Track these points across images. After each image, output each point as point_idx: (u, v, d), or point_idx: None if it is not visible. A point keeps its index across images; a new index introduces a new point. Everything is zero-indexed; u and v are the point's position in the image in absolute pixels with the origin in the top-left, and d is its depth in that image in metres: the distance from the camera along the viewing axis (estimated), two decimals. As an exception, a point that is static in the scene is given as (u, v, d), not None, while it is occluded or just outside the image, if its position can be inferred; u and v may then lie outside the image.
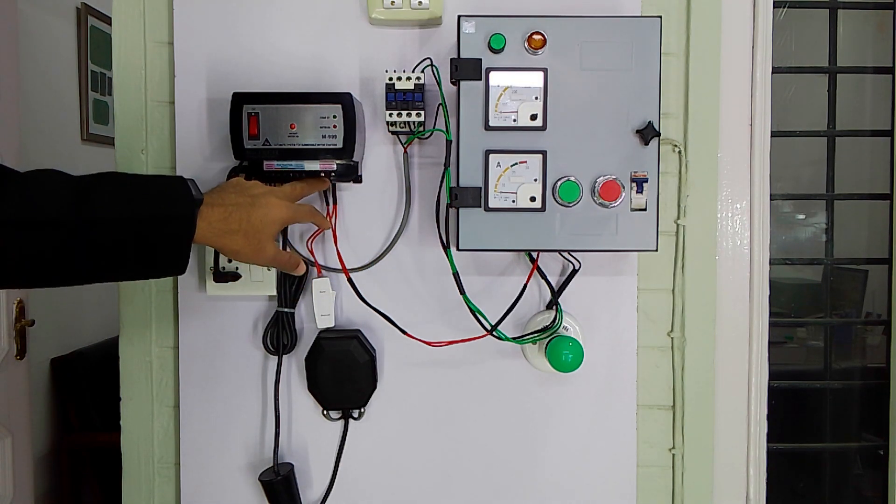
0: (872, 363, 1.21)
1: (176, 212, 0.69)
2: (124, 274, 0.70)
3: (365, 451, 0.96)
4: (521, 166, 0.82)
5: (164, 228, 0.68)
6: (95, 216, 0.65)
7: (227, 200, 0.74)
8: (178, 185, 0.71)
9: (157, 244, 0.68)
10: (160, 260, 0.70)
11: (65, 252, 0.64)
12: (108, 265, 0.67)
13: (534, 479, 0.97)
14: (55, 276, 0.66)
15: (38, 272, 0.65)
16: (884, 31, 1.16)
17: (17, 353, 1.68)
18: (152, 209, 0.68)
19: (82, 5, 2.45)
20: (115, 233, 0.66)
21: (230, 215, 0.73)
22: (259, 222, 0.75)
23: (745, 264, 1.01)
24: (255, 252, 0.76)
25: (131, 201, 0.67)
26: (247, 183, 0.79)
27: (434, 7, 0.89)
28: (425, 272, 0.94)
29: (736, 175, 1.00)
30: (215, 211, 0.72)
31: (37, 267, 0.64)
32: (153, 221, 0.68)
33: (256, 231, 0.75)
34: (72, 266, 0.65)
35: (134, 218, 0.66)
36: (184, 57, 0.93)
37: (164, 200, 0.69)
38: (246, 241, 0.75)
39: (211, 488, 0.96)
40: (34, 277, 0.65)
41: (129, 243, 0.67)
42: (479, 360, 0.95)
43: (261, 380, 0.95)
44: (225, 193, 0.76)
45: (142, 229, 0.67)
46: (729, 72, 0.99)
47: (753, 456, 1.02)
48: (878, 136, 1.15)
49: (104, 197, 0.66)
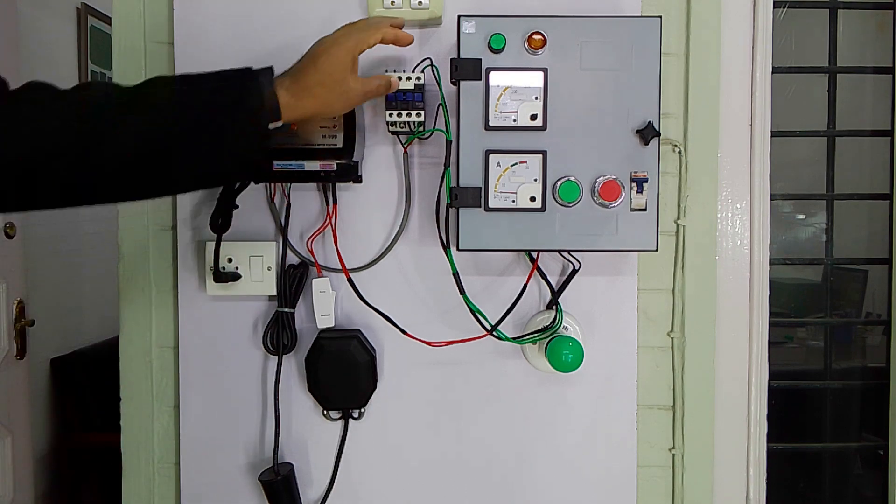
0: (872, 363, 1.21)
1: (235, 97, 0.68)
2: (209, 174, 0.70)
3: (365, 451, 0.96)
4: (521, 166, 0.82)
5: (228, 115, 0.67)
6: (155, 103, 0.65)
7: (293, 67, 0.74)
8: (236, 72, 0.70)
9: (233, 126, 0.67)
10: (235, 149, 0.68)
11: (129, 145, 0.63)
12: (180, 159, 0.66)
13: (534, 479, 0.97)
14: (135, 177, 0.65)
15: (114, 171, 0.64)
16: (884, 31, 1.16)
17: (17, 353, 1.68)
18: (212, 98, 0.67)
19: (82, 5, 2.45)
20: (181, 119, 0.65)
21: (299, 76, 0.72)
22: (328, 65, 0.73)
23: (745, 264, 1.01)
24: (342, 95, 0.74)
25: (191, 95, 0.67)
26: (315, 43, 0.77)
27: (434, 7, 0.89)
28: (425, 272, 0.94)
29: (736, 175, 1.00)
30: (285, 79, 0.72)
31: (111, 164, 0.63)
32: (215, 109, 0.67)
33: (334, 78, 0.73)
34: (143, 162, 0.64)
35: (195, 105, 0.66)
36: (184, 57, 0.93)
37: (223, 88, 0.68)
38: (327, 91, 0.73)
39: (211, 488, 0.96)
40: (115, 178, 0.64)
41: (197, 135, 0.66)
42: (479, 360, 0.95)
43: (261, 380, 0.95)
44: (292, 65, 0.75)
45: (204, 120, 0.66)
46: (729, 72, 0.99)
47: (753, 456, 1.02)
48: (878, 136, 1.15)
49: (163, 90, 0.66)
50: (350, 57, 0.74)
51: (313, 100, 0.73)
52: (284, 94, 0.71)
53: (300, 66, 0.74)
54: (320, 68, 0.73)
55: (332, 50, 0.74)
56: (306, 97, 0.72)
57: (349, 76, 0.75)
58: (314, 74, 0.73)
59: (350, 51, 0.74)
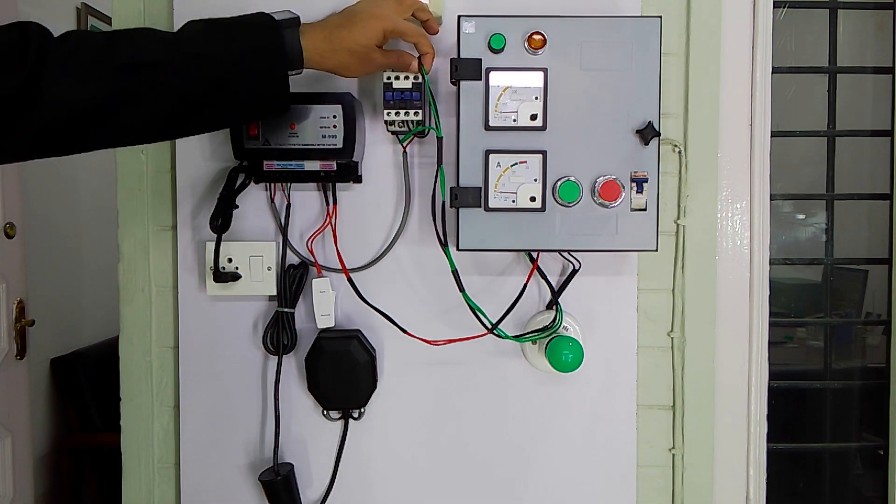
0: (872, 363, 1.21)
1: (258, 43, 0.72)
2: (231, 113, 0.75)
3: (365, 451, 0.96)
4: (521, 166, 0.82)
5: (251, 60, 0.71)
6: (186, 54, 0.69)
7: (329, 22, 0.77)
8: (261, 19, 0.74)
9: (248, 76, 0.71)
10: (260, 91, 0.73)
11: (171, 92, 0.68)
12: (210, 102, 0.71)
13: (534, 479, 0.97)
14: (167, 119, 0.70)
15: (153, 119, 0.69)
16: (884, 31, 1.16)
17: (17, 353, 1.68)
18: (236, 44, 0.71)
19: (82, 5, 2.45)
20: (211, 68, 0.69)
21: (332, 35, 0.76)
22: (361, 36, 0.77)
23: (745, 264, 1.01)
24: (362, 64, 0.79)
25: (216, 40, 0.70)
26: (353, 5, 0.81)
27: (434, 7, 0.89)
28: (425, 271, 0.94)
29: (736, 175, 1.00)
30: (317, 34, 0.76)
31: (150, 109, 0.68)
32: (239, 54, 0.70)
33: (362, 46, 0.77)
34: (180, 105, 0.69)
35: (219, 54, 0.70)
36: (184, 57, 0.93)
37: (247, 34, 0.72)
38: (351, 57, 0.77)
39: (211, 488, 0.96)
40: (152, 121, 0.70)
41: (224, 77, 0.70)
42: (479, 360, 0.95)
43: (261, 380, 0.95)
44: (329, 17, 0.79)
45: (229, 64, 0.70)
46: (729, 72, 0.99)
47: (753, 456, 1.02)
48: (878, 136, 1.15)
49: (192, 38, 0.70)
50: (383, 34, 0.78)
51: (336, 60, 0.77)
52: (311, 49, 0.75)
53: (334, 26, 0.77)
54: (353, 36, 0.77)
55: (369, 23, 0.77)
56: (331, 57, 0.77)
57: (376, 50, 0.79)
58: (346, 40, 0.76)
59: (385, 29, 0.78)
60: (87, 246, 2.46)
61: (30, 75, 0.62)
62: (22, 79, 0.62)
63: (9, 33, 0.64)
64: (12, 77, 0.62)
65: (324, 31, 0.76)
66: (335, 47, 0.76)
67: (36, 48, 0.63)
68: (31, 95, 0.63)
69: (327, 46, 0.76)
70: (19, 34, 0.64)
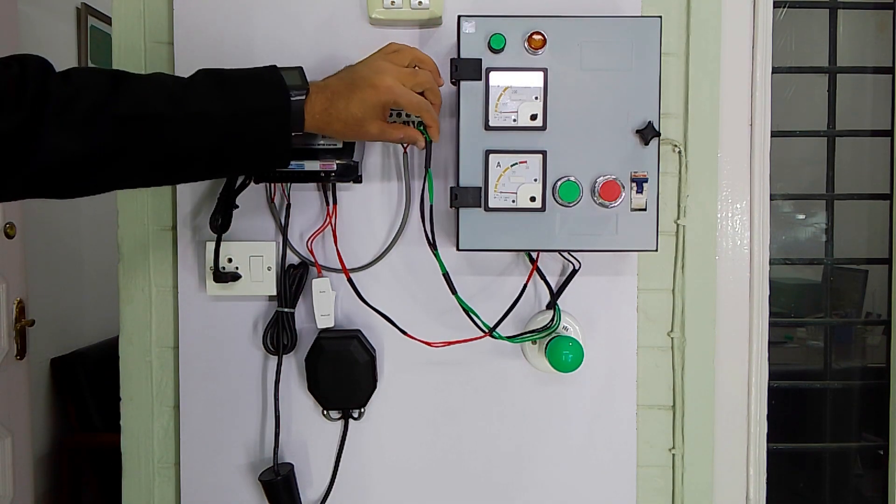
0: (872, 363, 1.21)
1: (267, 105, 0.71)
2: (228, 167, 0.76)
3: (365, 451, 0.96)
4: (521, 166, 0.82)
5: (257, 121, 0.71)
6: (191, 111, 0.68)
7: (331, 86, 0.76)
8: (271, 78, 0.73)
9: (252, 137, 0.71)
10: (260, 151, 0.73)
11: (168, 144, 0.68)
12: (211, 158, 0.71)
13: (534, 479, 0.97)
14: (165, 171, 0.71)
15: (153, 169, 0.70)
16: (884, 31, 1.16)
17: (17, 353, 1.68)
18: (245, 104, 0.70)
19: (82, 5, 2.45)
20: (215, 128, 0.69)
21: (331, 104, 0.75)
22: (357, 109, 0.75)
23: (745, 264, 1.01)
24: (357, 135, 0.78)
25: (225, 97, 0.70)
26: (360, 63, 0.79)
27: (434, 7, 0.89)
28: (425, 272, 0.94)
29: (736, 175, 1.00)
30: (319, 100, 0.74)
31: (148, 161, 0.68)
32: (246, 116, 0.70)
33: (356, 119, 0.75)
34: (179, 159, 0.70)
35: (227, 113, 0.69)
36: (184, 57, 0.93)
37: (257, 94, 0.71)
38: (346, 128, 0.76)
39: (211, 488, 0.96)
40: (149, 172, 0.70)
41: (226, 138, 0.70)
42: (478, 360, 0.95)
43: (261, 380, 0.95)
44: (333, 78, 0.78)
45: (235, 123, 0.70)
46: (729, 72, 0.99)
47: (753, 456, 1.02)
48: (878, 136, 1.15)
49: (200, 91, 0.70)
50: (382, 107, 0.76)
51: (332, 130, 0.76)
52: (311, 117, 0.74)
53: (334, 94, 0.75)
54: (349, 109, 0.75)
55: (367, 93, 0.75)
56: (327, 127, 0.76)
57: (371, 121, 0.76)
58: (341, 112, 0.75)
59: (384, 103, 0.76)
60: (87, 246, 2.46)
61: (28, 119, 0.60)
62: (20, 121, 0.60)
63: (9, 70, 0.62)
64: (10, 118, 0.60)
65: (325, 101, 0.74)
66: (330, 119, 0.75)
67: (35, 89, 0.61)
68: (28, 141, 0.61)
69: (324, 118, 0.75)
70: (20, 70, 0.62)
